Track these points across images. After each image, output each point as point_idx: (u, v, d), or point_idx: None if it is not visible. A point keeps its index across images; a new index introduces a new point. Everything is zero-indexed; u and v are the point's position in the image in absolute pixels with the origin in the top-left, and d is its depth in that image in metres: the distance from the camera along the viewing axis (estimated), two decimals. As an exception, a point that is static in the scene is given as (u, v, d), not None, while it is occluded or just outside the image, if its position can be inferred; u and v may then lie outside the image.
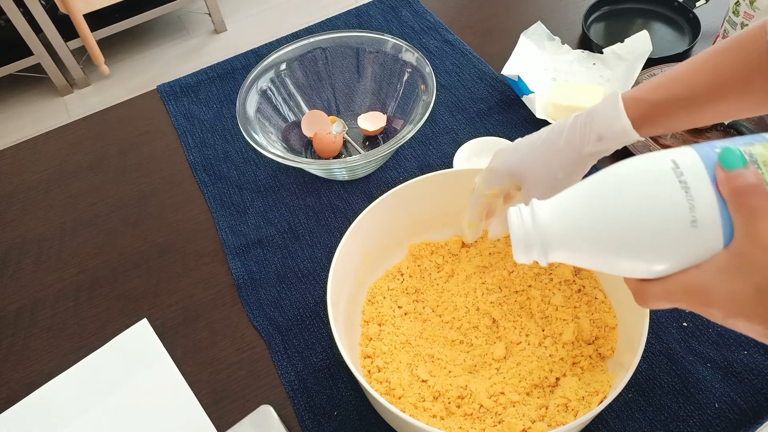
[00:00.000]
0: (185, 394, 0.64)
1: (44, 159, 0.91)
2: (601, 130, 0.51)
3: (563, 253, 0.37)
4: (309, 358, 0.66)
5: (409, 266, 0.69)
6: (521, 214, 0.38)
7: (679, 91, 0.49)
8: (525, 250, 0.37)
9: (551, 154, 0.53)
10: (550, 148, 0.53)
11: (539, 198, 0.53)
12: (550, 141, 0.53)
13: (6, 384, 0.67)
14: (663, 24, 0.99)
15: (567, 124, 0.53)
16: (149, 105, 0.96)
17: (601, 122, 0.51)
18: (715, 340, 0.63)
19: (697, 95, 0.48)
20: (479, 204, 0.59)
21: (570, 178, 0.53)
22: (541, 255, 0.37)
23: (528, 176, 0.54)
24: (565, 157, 0.52)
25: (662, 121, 0.50)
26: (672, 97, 0.49)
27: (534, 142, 0.54)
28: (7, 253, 0.80)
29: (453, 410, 0.57)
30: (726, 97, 0.48)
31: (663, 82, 0.50)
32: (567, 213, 0.36)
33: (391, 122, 0.86)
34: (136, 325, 0.70)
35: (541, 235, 0.37)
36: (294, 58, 0.85)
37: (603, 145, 0.51)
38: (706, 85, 0.48)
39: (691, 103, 0.49)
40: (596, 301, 0.63)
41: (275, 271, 0.73)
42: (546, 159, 0.53)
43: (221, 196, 0.82)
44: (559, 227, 0.36)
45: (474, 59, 0.95)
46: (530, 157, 0.54)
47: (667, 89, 0.49)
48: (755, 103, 0.48)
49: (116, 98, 2.05)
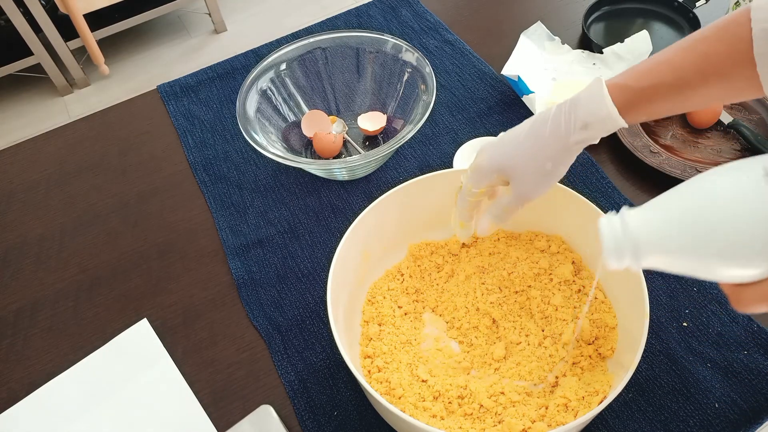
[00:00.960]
0: (185, 394, 0.64)
1: (44, 159, 0.91)
2: (586, 118, 0.50)
3: (656, 259, 0.38)
4: (309, 358, 0.66)
5: (409, 266, 0.69)
6: (611, 223, 0.39)
7: (664, 77, 0.48)
8: (617, 258, 0.39)
9: (538, 147, 0.52)
10: (536, 140, 0.52)
11: (528, 192, 0.53)
12: (535, 133, 0.52)
13: (6, 384, 0.67)
14: (663, 24, 0.99)
15: (551, 114, 0.52)
16: (149, 105, 0.96)
17: (585, 110, 0.50)
18: (715, 340, 0.63)
19: (683, 81, 0.48)
20: (468, 203, 0.58)
21: (558, 168, 0.52)
22: (634, 261, 0.38)
23: (516, 170, 0.53)
24: (551, 147, 0.51)
25: (647, 107, 0.50)
26: (657, 83, 0.49)
27: (518, 135, 0.53)
28: (7, 253, 0.80)
29: (453, 410, 0.57)
30: (712, 83, 0.48)
31: (648, 67, 0.50)
32: (659, 223, 0.37)
33: (391, 122, 0.86)
34: (136, 325, 0.70)
35: (633, 242, 0.38)
36: (294, 58, 0.85)
37: (589, 132, 0.51)
38: (692, 71, 0.47)
39: (676, 89, 0.49)
40: (596, 301, 0.63)
41: (275, 271, 0.73)
42: (533, 151, 0.52)
43: (221, 196, 0.82)
44: (652, 236, 0.37)
45: (474, 59, 0.96)
46: (516, 151, 0.53)
47: (653, 75, 0.49)
48: (741, 89, 0.48)
49: (116, 98, 2.05)
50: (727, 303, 0.65)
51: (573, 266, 0.65)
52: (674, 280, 0.67)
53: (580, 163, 0.80)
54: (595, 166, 0.79)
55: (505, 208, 0.56)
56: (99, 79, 2.22)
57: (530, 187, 0.53)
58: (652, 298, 0.64)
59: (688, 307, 0.65)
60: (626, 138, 0.80)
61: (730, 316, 0.64)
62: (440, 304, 0.66)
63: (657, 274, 0.68)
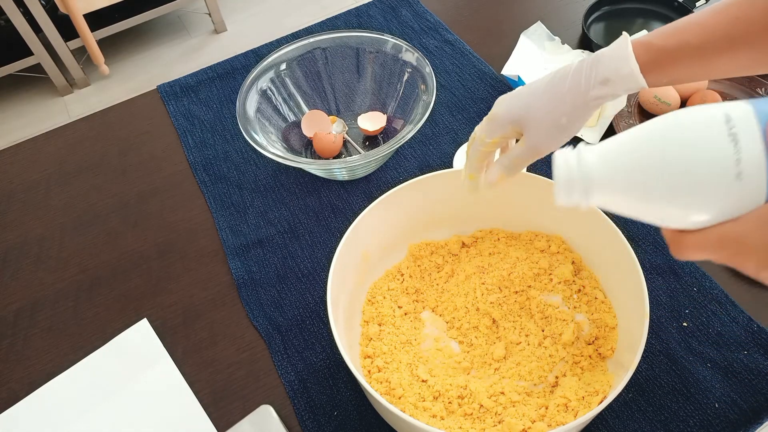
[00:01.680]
0: (185, 394, 0.64)
1: (44, 159, 0.91)
2: (607, 74, 0.49)
3: (604, 197, 0.37)
4: (309, 358, 0.66)
5: (409, 266, 0.69)
6: (566, 156, 0.38)
7: (691, 39, 0.47)
8: (567, 192, 0.38)
9: (555, 100, 0.51)
10: (554, 93, 0.51)
11: (541, 144, 0.51)
12: (554, 85, 0.51)
13: (6, 384, 0.67)
14: (663, 24, 0.98)
15: (572, 68, 0.51)
16: (149, 105, 0.96)
17: (607, 65, 0.49)
18: (715, 340, 0.63)
19: (710, 44, 0.46)
20: (479, 153, 0.57)
21: (573, 124, 0.51)
22: (583, 197, 0.38)
23: (531, 122, 0.52)
24: (569, 101, 0.50)
25: (671, 69, 0.49)
26: (684, 44, 0.47)
27: (538, 88, 0.52)
28: (7, 253, 0.80)
29: (453, 410, 0.57)
30: (739, 48, 0.46)
31: (676, 28, 0.48)
32: (613, 156, 0.37)
33: (391, 122, 0.86)
34: (136, 325, 0.70)
35: (585, 178, 0.37)
36: (294, 58, 0.85)
37: (609, 89, 0.49)
38: (720, 35, 0.46)
39: (703, 52, 0.47)
40: (596, 301, 0.63)
41: (275, 271, 0.74)
42: (550, 104, 0.51)
43: (221, 196, 0.82)
44: (604, 170, 0.37)
45: (474, 59, 0.96)
46: (533, 103, 0.52)
47: (680, 36, 0.47)
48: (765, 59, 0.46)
49: (116, 98, 2.05)
50: (727, 303, 0.65)
51: (573, 266, 0.65)
52: (674, 280, 0.67)
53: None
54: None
55: (516, 158, 0.54)
56: (99, 79, 2.22)
57: (544, 140, 0.52)
58: (652, 298, 0.64)
59: (688, 307, 0.65)
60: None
61: (730, 316, 0.64)
62: (440, 304, 0.66)
63: (657, 275, 0.68)
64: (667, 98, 0.81)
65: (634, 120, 0.82)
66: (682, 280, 0.67)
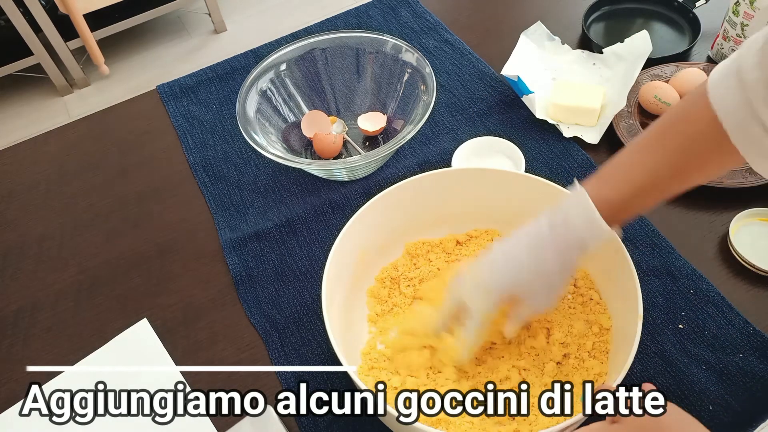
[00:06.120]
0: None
1: (44, 159, 0.91)
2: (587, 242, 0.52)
3: None
4: (306, 355, 0.66)
5: (406, 264, 0.69)
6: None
7: (643, 183, 0.51)
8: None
9: (543, 271, 0.54)
10: (541, 265, 0.53)
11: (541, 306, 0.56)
12: (537, 258, 0.53)
13: (6, 384, 0.67)
14: (663, 24, 0.99)
15: (544, 236, 0.53)
16: (149, 105, 0.97)
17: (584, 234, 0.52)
18: (710, 342, 0.63)
19: (662, 183, 0.51)
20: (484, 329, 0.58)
21: (565, 280, 0.55)
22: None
23: (527, 293, 0.55)
24: (557, 267, 0.53)
25: (635, 212, 0.54)
26: (637, 189, 0.52)
27: (517, 256, 0.55)
28: (7, 253, 0.80)
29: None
30: (688, 174, 0.51)
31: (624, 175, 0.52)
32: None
33: (391, 122, 0.86)
34: (136, 325, 0.70)
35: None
36: (294, 59, 0.85)
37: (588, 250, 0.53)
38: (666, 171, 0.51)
39: (658, 190, 0.52)
40: (591, 302, 0.63)
41: (273, 268, 0.74)
42: (539, 275, 0.54)
43: (221, 197, 0.82)
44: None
45: (474, 59, 0.96)
46: (524, 279, 0.54)
47: (631, 184, 0.52)
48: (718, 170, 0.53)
49: (116, 98, 2.03)
50: (723, 305, 0.65)
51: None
52: (671, 282, 0.67)
53: (579, 164, 0.80)
54: (595, 167, 0.79)
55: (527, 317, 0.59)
56: (99, 79, 2.22)
57: (543, 302, 0.56)
58: (648, 300, 0.64)
59: (684, 310, 0.65)
60: (626, 138, 0.80)
61: (726, 319, 0.64)
62: (438, 296, 0.66)
63: (654, 276, 0.68)
64: (667, 98, 0.81)
65: (634, 120, 0.83)
66: (679, 282, 0.67)
